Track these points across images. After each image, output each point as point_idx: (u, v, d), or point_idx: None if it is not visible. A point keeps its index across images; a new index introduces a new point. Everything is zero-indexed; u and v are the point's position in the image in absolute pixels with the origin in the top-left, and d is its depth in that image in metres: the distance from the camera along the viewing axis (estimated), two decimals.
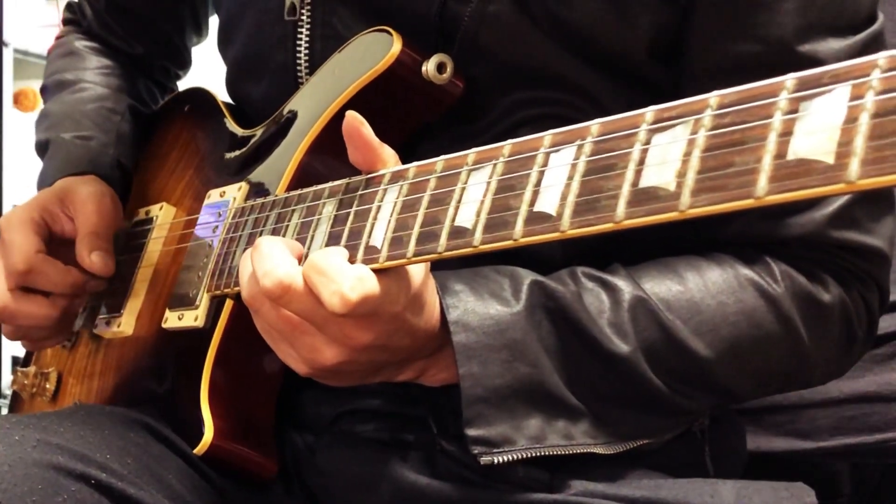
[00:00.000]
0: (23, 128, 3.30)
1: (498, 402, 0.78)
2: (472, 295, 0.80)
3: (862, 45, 0.86)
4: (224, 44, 1.12)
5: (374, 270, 0.72)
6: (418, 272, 0.75)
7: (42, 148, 1.22)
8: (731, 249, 0.88)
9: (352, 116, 0.76)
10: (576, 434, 0.81)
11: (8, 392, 3.18)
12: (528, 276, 0.83)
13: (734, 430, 1.03)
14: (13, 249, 1.04)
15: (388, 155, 0.77)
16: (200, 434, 0.88)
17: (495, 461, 0.78)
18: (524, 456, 0.79)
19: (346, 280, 0.70)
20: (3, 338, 3.16)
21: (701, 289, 0.84)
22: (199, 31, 1.33)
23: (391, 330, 0.75)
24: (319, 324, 0.74)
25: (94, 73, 1.28)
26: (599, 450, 0.82)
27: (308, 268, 0.72)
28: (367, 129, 0.76)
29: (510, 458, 0.78)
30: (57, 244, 1.09)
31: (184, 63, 1.37)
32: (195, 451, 0.88)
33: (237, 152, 1.05)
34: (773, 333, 0.85)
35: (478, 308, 0.79)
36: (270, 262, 0.73)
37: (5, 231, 1.06)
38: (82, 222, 1.09)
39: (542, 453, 0.79)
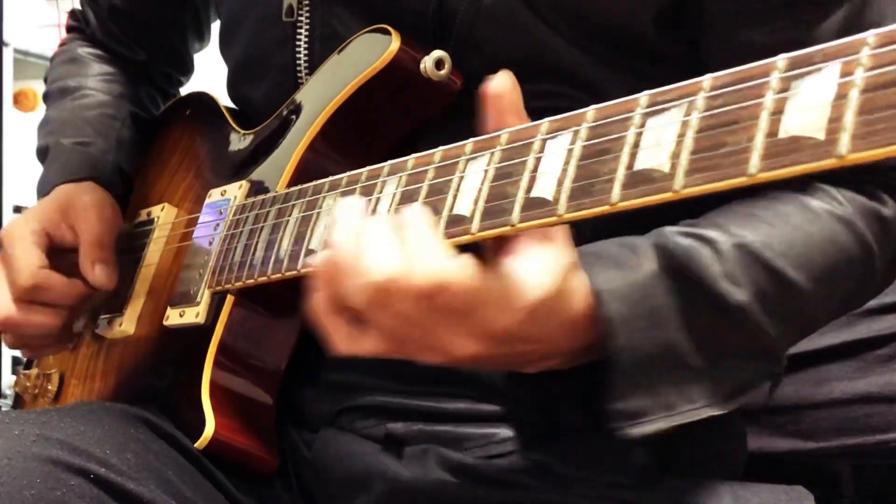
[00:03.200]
0: (23, 128, 3.29)
1: (638, 373, 0.74)
2: (602, 264, 0.75)
3: None
4: (225, 46, 1.13)
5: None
6: (559, 262, 0.70)
7: (42, 153, 1.23)
8: (785, 187, 0.86)
9: (507, 75, 0.71)
10: (695, 396, 0.77)
11: (8, 392, 3.19)
12: (640, 239, 0.79)
13: (734, 430, 1.03)
14: (17, 265, 1.05)
15: None
16: (202, 429, 0.89)
17: (635, 434, 0.74)
18: (660, 428, 0.75)
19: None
20: (3, 337, 3.18)
21: (784, 223, 0.82)
22: (202, 37, 1.34)
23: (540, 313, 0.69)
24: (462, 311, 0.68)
25: (95, 80, 1.29)
26: (716, 410, 0.78)
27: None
28: (514, 97, 0.71)
29: (648, 430, 0.74)
30: (58, 254, 1.09)
31: (186, 69, 1.38)
32: (196, 444, 0.89)
33: (238, 152, 1.06)
34: (854, 255, 0.84)
35: (616, 276, 0.74)
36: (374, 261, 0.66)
37: (7, 244, 1.07)
38: (85, 231, 1.09)
39: (673, 423, 0.75)
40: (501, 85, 0.71)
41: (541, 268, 0.69)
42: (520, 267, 0.68)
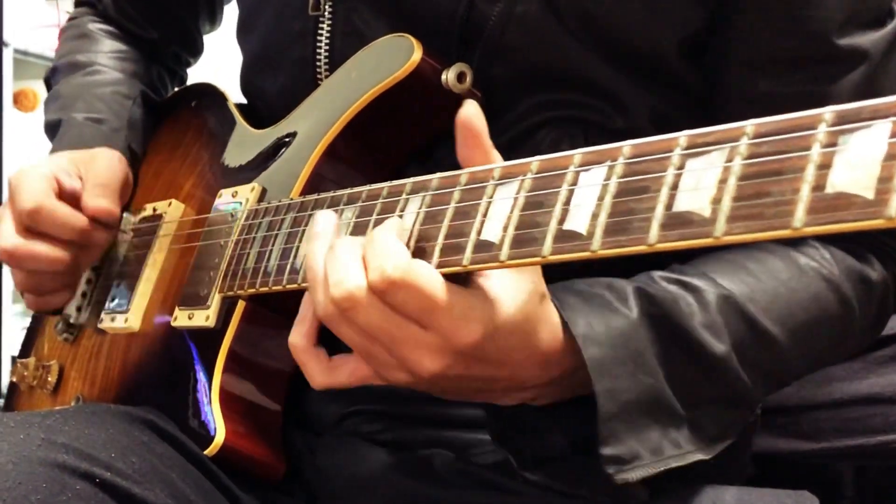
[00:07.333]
0: (23, 128, 3.28)
1: (626, 417, 0.75)
2: (587, 306, 0.76)
3: (893, 35, 0.88)
4: (243, 35, 1.11)
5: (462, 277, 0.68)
6: (527, 287, 0.71)
7: (53, 127, 1.21)
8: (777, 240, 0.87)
9: (473, 106, 0.72)
10: (682, 442, 0.79)
11: None
12: (626, 283, 0.80)
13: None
14: (22, 193, 1.04)
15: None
16: (209, 434, 0.88)
17: (630, 478, 0.74)
18: (649, 473, 0.75)
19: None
20: (3, 337, 3.16)
21: (771, 278, 0.84)
22: (214, 18, 1.33)
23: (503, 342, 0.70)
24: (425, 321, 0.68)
25: (107, 57, 1.27)
26: (701, 455, 0.80)
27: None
28: (481, 126, 0.71)
29: (640, 474, 0.75)
30: (67, 201, 1.07)
31: (196, 50, 1.37)
32: (206, 451, 0.88)
33: (248, 152, 1.04)
34: (835, 315, 0.86)
35: (598, 320, 0.76)
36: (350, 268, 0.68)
37: (15, 184, 1.05)
38: (91, 175, 1.09)
39: (662, 467, 0.76)
40: (472, 115, 0.72)
41: (511, 290, 0.70)
42: (489, 285, 0.69)
